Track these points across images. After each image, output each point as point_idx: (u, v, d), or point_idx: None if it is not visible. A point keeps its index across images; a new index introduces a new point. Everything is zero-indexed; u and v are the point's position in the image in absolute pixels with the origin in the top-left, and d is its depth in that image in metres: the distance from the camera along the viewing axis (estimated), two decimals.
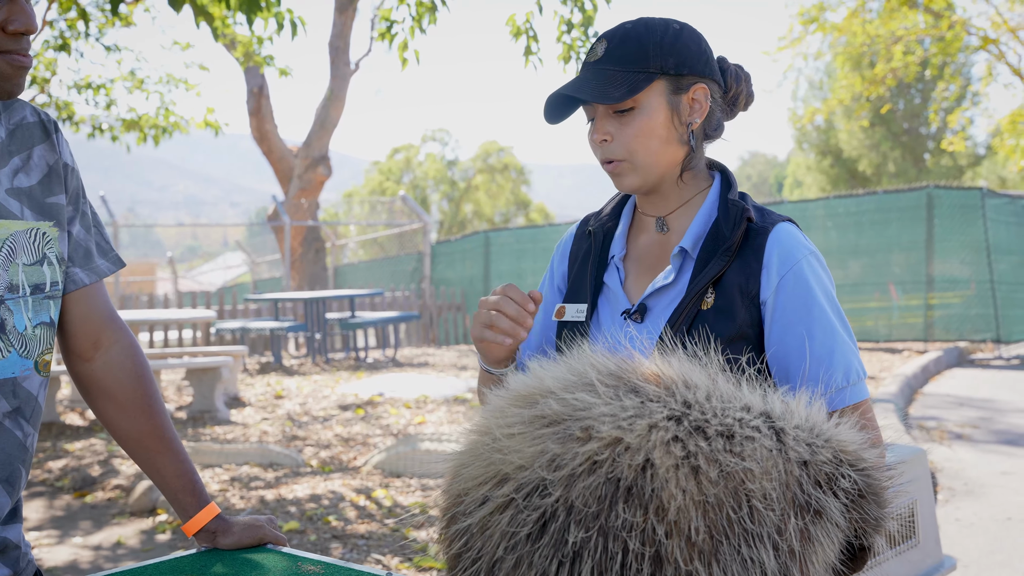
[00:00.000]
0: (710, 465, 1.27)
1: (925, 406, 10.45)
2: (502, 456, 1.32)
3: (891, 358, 13.85)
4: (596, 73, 1.93)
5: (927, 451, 2.34)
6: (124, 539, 5.89)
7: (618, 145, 1.94)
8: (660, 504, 1.24)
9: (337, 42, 18.93)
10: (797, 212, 17.00)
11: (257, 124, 19.26)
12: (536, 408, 1.35)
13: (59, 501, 6.90)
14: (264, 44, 10.82)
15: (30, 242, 1.87)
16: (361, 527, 5.75)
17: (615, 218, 2.12)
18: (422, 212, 20.27)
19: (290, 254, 19.07)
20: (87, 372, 2.07)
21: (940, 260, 15.62)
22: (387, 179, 44.51)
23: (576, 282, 2.09)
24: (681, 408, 1.33)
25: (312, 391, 11.10)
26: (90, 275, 2.01)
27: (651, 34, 1.94)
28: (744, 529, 1.27)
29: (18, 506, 1.94)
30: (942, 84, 22.34)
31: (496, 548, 1.30)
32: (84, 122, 13.04)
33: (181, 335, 15.21)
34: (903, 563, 2.09)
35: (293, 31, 7.25)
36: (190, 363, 9.76)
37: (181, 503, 2.08)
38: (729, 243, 1.90)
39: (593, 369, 1.38)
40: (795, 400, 1.44)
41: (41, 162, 1.92)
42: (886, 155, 36.91)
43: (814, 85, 39.02)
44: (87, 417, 9.89)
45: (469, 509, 1.34)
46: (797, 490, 1.33)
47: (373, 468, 7.24)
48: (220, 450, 7.71)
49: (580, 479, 1.26)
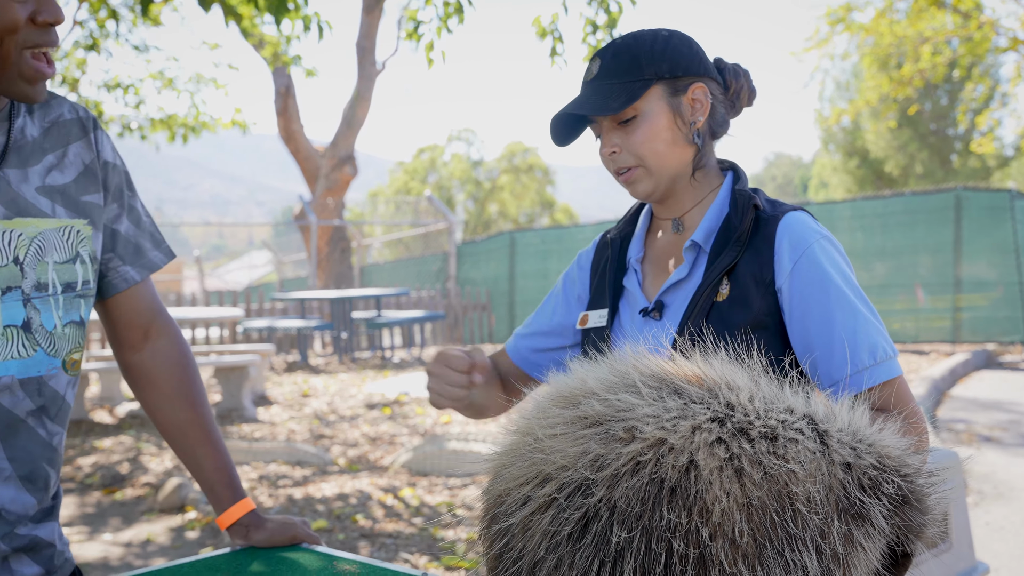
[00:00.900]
0: (754, 467, 1.26)
1: (953, 409, 10.38)
2: (544, 456, 1.32)
3: (918, 360, 13.77)
4: (595, 89, 1.99)
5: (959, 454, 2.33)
6: (153, 536, 5.92)
7: (627, 154, 1.99)
8: (704, 506, 1.22)
9: (364, 42, 18.96)
10: (823, 213, 16.91)
11: (284, 124, 19.31)
12: (579, 409, 1.34)
13: (89, 498, 6.95)
14: (291, 44, 10.85)
15: (62, 240, 1.87)
16: (389, 526, 5.76)
17: (632, 223, 2.17)
18: (448, 212, 20.30)
19: (316, 253, 19.13)
20: (136, 362, 2.10)
21: (968, 262, 15.50)
22: (412, 179, 44.57)
23: (598, 289, 2.14)
24: (724, 410, 1.31)
25: (339, 390, 11.14)
26: (141, 272, 2.04)
27: (641, 44, 1.99)
28: (787, 532, 1.25)
29: (55, 505, 1.96)
30: (970, 85, 22.18)
31: (537, 548, 1.29)
32: (113, 121, 13.13)
33: (208, 333, 15.27)
34: (937, 567, 2.08)
35: (320, 33, 7.30)
36: (218, 361, 9.82)
37: (217, 495, 2.10)
38: (739, 232, 1.93)
39: (635, 370, 1.38)
40: (839, 404, 1.43)
41: (77, 160, 1.93)
42: (913, 156, 36.64)
43: (841, 86, 38.77)
44: (116, 415, 9.96)
45: (511, 509, 1.33)
46: (841, 493, 1.31)
47: (400, 467, 7.26)
48: (248, 448, 7.74)
49: (623, 479, 1.25)
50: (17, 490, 1.85)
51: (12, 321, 1.81)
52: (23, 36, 1.71)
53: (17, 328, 1.81)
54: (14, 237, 1.80)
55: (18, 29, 1.70)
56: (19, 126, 1.86)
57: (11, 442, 1.83)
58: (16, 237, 1.81)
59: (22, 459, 1.84)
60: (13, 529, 1.85)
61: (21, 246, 1.81)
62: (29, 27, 1.71)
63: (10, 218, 1.80)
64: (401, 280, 21.71)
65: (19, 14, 1.69)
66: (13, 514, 1.85)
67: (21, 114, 1.87)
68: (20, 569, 1.88)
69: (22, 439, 1.84)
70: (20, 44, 1.71)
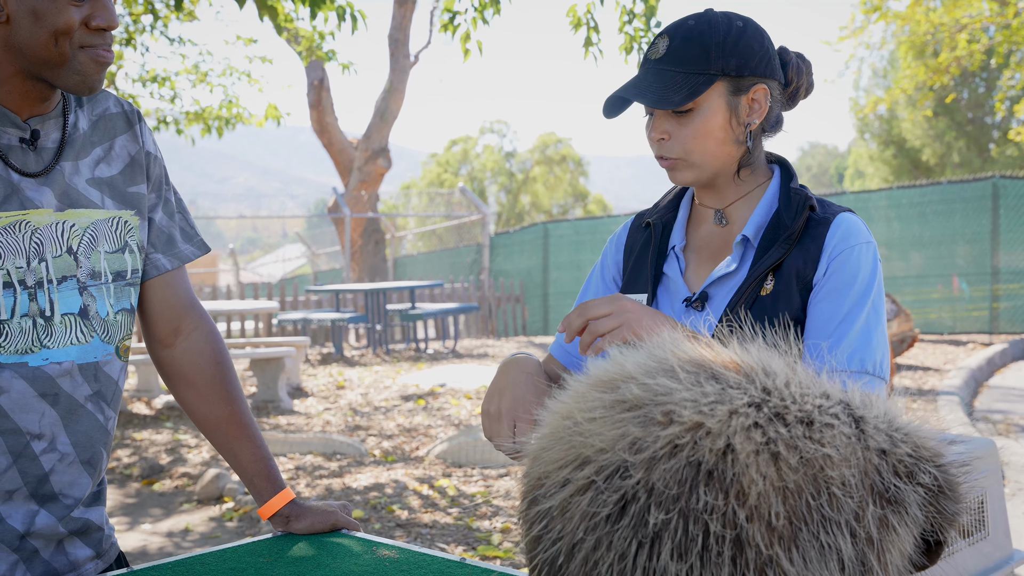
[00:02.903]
0: (790, 451, 1.27)
1: (991, 399, 10.31)
2: (583, 439, 1.33)
3: (955, 350, 13.67)
4: (657, 74, 1.93)
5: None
6: (192, 526, 6.00)
7: (675, 144, 1.95)
8: (741, 489, 1.24)
9: (397, 34, 19.00)
10: (859, 203, 16.80)
11: (318, 117, 19.39)
12: (617, 393, 1.36)
13: (128, 488, 7.04)
14: (326, 39, 10.89)
15: (111, 230, 1.94)
16: (425, 516, 5.80)
17: (673, 209, 2.13)
18: (481, 204, 20.32)
19: (350, 246, 19.20)
20: (168, 358, 2.12)
21: (1006, 251, 15.36)
22: (445, 171, 44.60)
23: (634, 273, 2.11)
24: (761, 395, 1.33)
25: (373, 381, 11.20)
26: (172, 261, 2.07)
27: (714, 33, 1.92)
28: (823, 516, 1.26)
29: (102, 489, 2.02)
30: (1008, 73, 21.90)
31: (576, 529, 1.30)
32: (149, 115, 13.24)
33: (244, 326, 15.37)
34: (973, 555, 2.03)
35: (354, 24, 7.30)
36: (253, 354, 9.92)
37: (257, 487, 2.13)
38: (791, 231, 1.92)
39: (674, 356, 1.39)
40: (875, 394, 1.44)
41: (123, 152, 1.99)
42: (950, 145, 36.26)
43: (877, 74, 38.43)
44: (154, 406, 10.05)
45: (550, 492, 1.35)
46: (876, 478, 1.33)
47: (435, 458, 7.29)
48: (284, 439, 7.81)
49: (661, 462, 1.26)
50: (79, 474, 1.91)
51: (70, 309, 1.87)
52: (78, 38, 1.78)
53: (75, 315, 1.87)
54: (67, 228, 1.87)
55: (72, 32, 1.76)
56: (72, 121, 1.92)
57: (73, 427, 1.89)
58: (69, 228, 1.87)
59: (84, 444, 1.90)
60: (70, 512, 1.91)
61: (75, 236, 1.88)
62: (83, 30, 1.78)
63: (63, 210, 1.87)
64: (435, 272, 21.76)
65: (74, 17, 1.76)
66: (71, 497, 1.91)
67: (73, 109, 1.93)
68: (74, 552, 1.94)
69: (83, 424, 1.89)
70: (75, 44, 1.78)
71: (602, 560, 1.28)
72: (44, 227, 1.83)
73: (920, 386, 10.40)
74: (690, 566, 1.23)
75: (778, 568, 1.24)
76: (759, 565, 1.23)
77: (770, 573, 1.25)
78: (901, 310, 11.69)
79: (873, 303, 1.88)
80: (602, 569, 1.28)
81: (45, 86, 1.84)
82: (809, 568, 1.25)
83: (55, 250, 1.85)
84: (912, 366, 12.03)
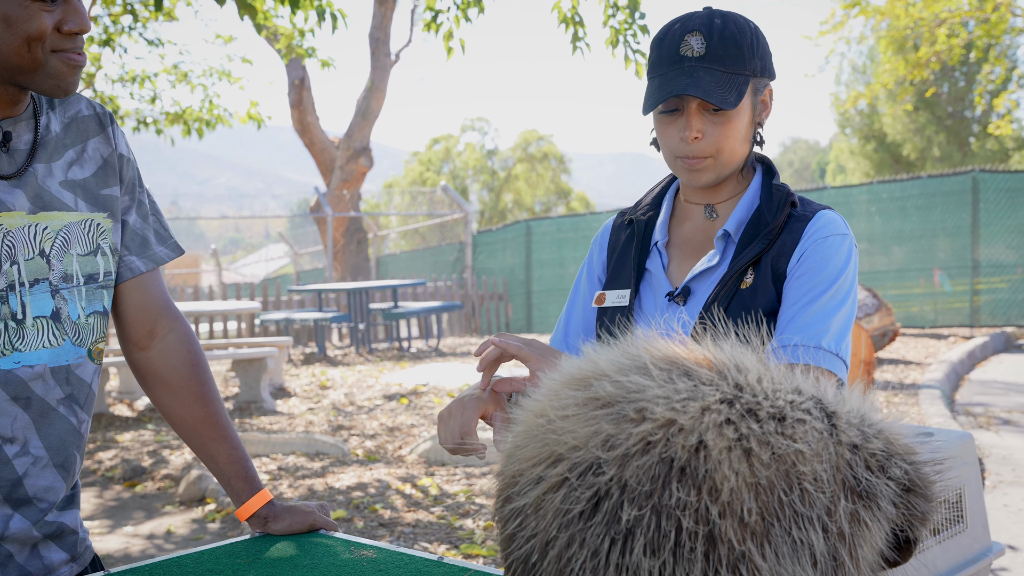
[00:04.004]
0: (762, 447, 1.28)
1: (972, 392, 10.36)
2: (556, 437, 1.34)
3: (937, 344, 13.73)
4: (704, 72, 1.92)
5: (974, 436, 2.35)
6: (174, 528, 5.98)
7: (708, 143, 1.96)
8: (713, 485, 1.25)
9: (377, 33, 18.97)
10: (840, 198, 16.86)
11: (299, 116, 19.34)
12: (590, 390, 1.37)
13: (110, 491, 7.01)
14: (305, 36, 10.85)
15: (84, 233, 1.93)
16: (408, 515, 5.79)
17: (656, 206, 2.15)
18: (463, 202, 20.31)
19: (332, 245, 19.17)
20: (143, 360, 2.12)
21: (986, 244, 15.44)
22: (427, 169, 44.53)
23: (616, 269, 2.12)
24: (733, 391, 1.34)
25: (356, 381, 11.18)
26: (147, 263, 2.06)
27: (743, 35, 1.95)
28: (795, 511, 1.27)
29: (75, 492, 2.01)
30: (987, 67, 21.93)
31: (549, 527, 1.31)
32: (128, 116, 13.16)
33: (226, 327, 15.32)
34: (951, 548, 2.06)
35: (334, 23, 7.27)
36: (236, 354, 9.88)
37: (234, 489, 2.13)
38: (772, 226, 1.94)
39: (647, 352, 1.40)
40: (847, 390, 1.45)
41: (96, 154, 1.99)
42: (931, 139, 36.40)
43: (857, 69, 38.52)
44: (136, 408, 10.01)
45: (523, 489, 1.36)
46: (848, 473, 1.34)
47: (418, 457, 7.28)
48: (267, 440, 7.79)
49: (634, 458, 1.27)
50: (53, 478, 1.91)
51: (42, 312, 1.86)
52: (50, 42, 1.78)
53: (47, 319, 1.87)
54: (39, 231, 1.86)
55: (45, 37, 1.77)
56: (44, 123, 1.92)
57: (45, 430, 1.88)
58: (41, 231, 1.86)
59: (57, 447, 1.90)
60: (44, 516, 1.91)
61: (47, 239, 1.87)
62: (55, 35, 1.78)
63: (35, 212, 1.86)
64: (417, 271, 21.74)
65: (46, 22, 1.76)
66: (45, 501, 1.90)
67: (44, 111, 1.93)
68: (48, 555, 1.93)
69: (56, 427, 1.89)
70: (47, 49, 1.78)
71: (575, 557, 1.28)
72: (16, 230, 1.83)
73: (901, 380, 10.44)
74: (663, 562, 1.24)
75: (750, 563, 1.25)
76: (732, 561, 1.24)
77: (742, 568, 1.25)
78: (882, 304, 11.73)
79: (839, 289, 1.89)
80: (575, 566, 1.29)
81: (16, 89, 1.83)
82: (781, 563, 1.26)
83: (27, 253, 1.84)
84: (893, 360, 12.08)
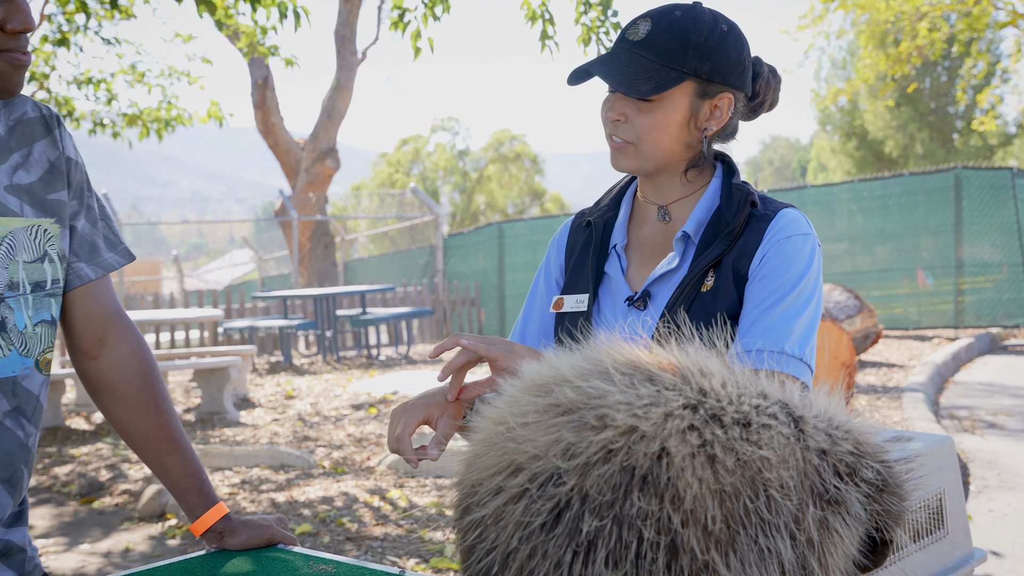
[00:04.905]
0: (726, 454, 1.27)
1: (956, 395, 10.29)
2: (516, 445, 1.33)
3: (920, 346, 13.65)
4: (631, 57, 1.91)
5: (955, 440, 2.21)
6: (133, 545, 5.86)
7: (629, 129, 1.94)
8: (676, 493, 1.24)
9: (343, 30, 18.69)
10: (821, 196, 16.75)
11: (262, 117, 19.07)
12: (551, 397, 1.36)
13: (66, 508, 6.88)
14: (268, 34, 10.61)
15: (31, 239, 1.88)
16: (376, 529, 5.73)
17: (615, 208, 2.11)
18: (433, 204, 20.11)
19: (298, 250, 18.94)
20: (93, 370, 2.07)
21: (970, 243, 15.32)
22: (396, 171, 44.22)
23: (575, 273, 2.09)
24: (697, 396, 1.33)
25: (323, 390, 11.06)
26: (96, 270, 2.01)
27: (697, 31, 1.90)
28: (761, 519, 1.27)
29: (23, 508, 1.95)
30: (969, 61, 21.86)
31: (510, 539, 1.31)
32: (85, 118, 12.88)
33: (188, 335, 15.09)
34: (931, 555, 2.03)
35: (296, 21, 7.14)
36: (198, 364, 9.71)
37: (189, 503, 2.09)
38: (732, 227, 1.91)
39: (609, 357, 1.39)
40: (814, 392, 1.44)
41: (42, 158, 1.93)
42: (913, 136, 36.35)
43: (837, 65, 38.48)
44: (93, 421, 9.82)
45: (483, 500, 1.35)
46: (816, 479, 1.33)
47: (387, 468, 7.21)
48: (230, 452, 7.66)
49: (595, 468, 1.26)
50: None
51: None
52: None
53: None
54: None
55: None
56: None
57: None
58: None
59: (3, 462, 1.84)
60: None
61: None
62: None
63: None
64: (387, 276, 21.51)
65: None
66: None
67: None
68: None
69: (2, 441, 1.84)
70: None
71: (537, 569, 1.28)
72: None
73: (884, 383, 10.34)
74: (624, 573, 1.24)
75: (715, 574, 1.24)
76: (695, 571, 1.24)
77: None
78: (864, 306, 11.60)
79: (802, 291, 1.86)
80: None
81: None
82: (748, 572, 1.26)
83: None
84: (876, 363, 11.98)
